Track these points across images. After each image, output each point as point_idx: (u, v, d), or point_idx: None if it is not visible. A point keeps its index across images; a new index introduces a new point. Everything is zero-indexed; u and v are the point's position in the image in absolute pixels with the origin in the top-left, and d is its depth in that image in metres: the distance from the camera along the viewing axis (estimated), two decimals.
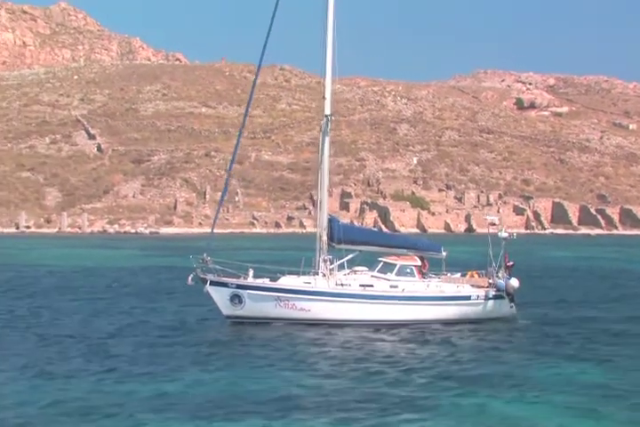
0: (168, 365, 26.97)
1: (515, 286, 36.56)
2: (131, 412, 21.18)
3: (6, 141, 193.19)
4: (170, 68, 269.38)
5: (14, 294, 47.37)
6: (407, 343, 32.44)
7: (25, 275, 60.51)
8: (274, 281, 35.65)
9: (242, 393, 23.50)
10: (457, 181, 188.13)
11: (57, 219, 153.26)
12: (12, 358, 27.73)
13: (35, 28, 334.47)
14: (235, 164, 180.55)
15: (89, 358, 27.84)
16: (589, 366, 27.99)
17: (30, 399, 22.21)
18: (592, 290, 54.21)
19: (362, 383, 25.01)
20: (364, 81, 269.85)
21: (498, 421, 21.14)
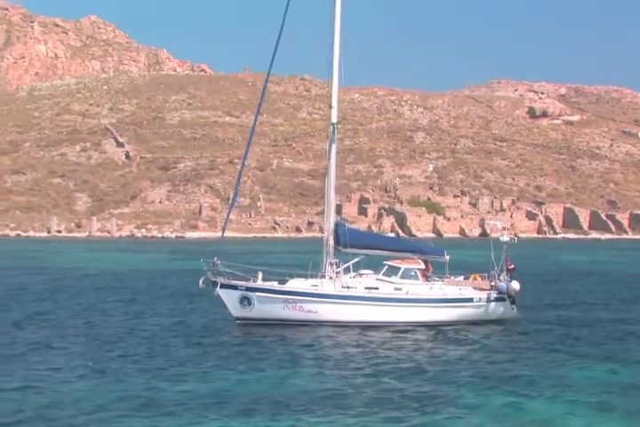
0: (205, 364, 27.01)
1: (516, 288, 36.37)
2: (179, 410, 21.24)
3: (39, 149, 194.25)
4: (195, 79, 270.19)
5: (54, 297, 47.30)
6: (431, 344, 32.36)
7: (60, 278, 60.31)
8: (282, 284, 35.67)
9: (288, 392, 23.46)
10: (471, 188, 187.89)
11: (87, 223, 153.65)
12: (64, 358, 27.76)
13: (66, 41, 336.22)
14: (257, 170, 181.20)
15: (131, 358, 27.93)
16: (619, 366, 27.81)
17: (86, 397, 22.28)
18: (610, 293, 53.72)
19: (401, 382, 24.91)
20: (381, 90, 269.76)
21: (532, 420, 21.01)
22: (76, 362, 27.06)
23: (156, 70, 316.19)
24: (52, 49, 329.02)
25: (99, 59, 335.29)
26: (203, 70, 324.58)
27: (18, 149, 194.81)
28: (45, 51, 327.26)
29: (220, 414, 20.83)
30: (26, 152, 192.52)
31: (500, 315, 36.80)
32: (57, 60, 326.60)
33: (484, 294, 36.28)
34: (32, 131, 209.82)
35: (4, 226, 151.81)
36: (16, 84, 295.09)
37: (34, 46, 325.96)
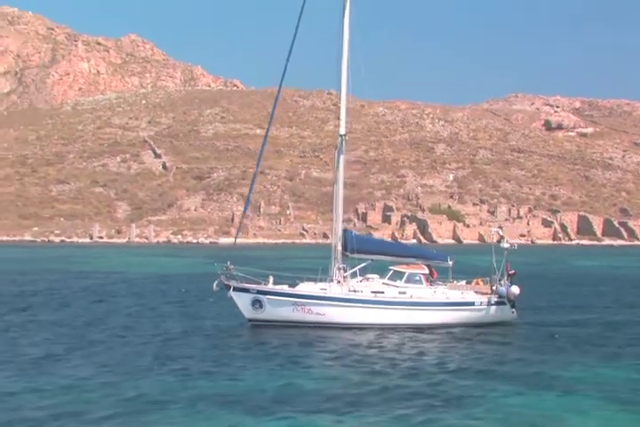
0: (233, 364, 26.98)
1: (515, 292, 36.13)
2: (204, 408, 21.13)
3: (82, 160, 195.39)
4: (228, 94, 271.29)
5: (94, 298, 47.56)
6: (440, 344, 32.22)
7: (103, 281, 60.58)
8: (292, 287, 35.56)
9: (307, 391, 23.39)
10: (490, 196, 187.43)
11: (126, 230, 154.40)
12: (97, 357, 27.80)
13: (107, 58, 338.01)
14: (286, 180, 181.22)
15: (160, 357, 27.86)
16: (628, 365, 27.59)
17: (114, 393, 22.40)
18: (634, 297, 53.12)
19: (411, 381, 24.82)
20: (404, 104, 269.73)
21: (541, 417, 20.77)
22: (129, 361, 27.09)
23: (192, 86, 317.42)
24: (94, 66, 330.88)
25: (138, 75, 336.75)
26: (235, 85, 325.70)
27: (62, 160, 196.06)
28: (88, 68, 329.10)
29: (264, 412, 20.76)
30: (70, 163, 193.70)
31: (500, 318, 36.55)
32: (99, 77, 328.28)
33: (485, 298, 36.09)
34: (76, 143, 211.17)
35: (50, 232, 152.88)
36: (61, 100, 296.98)
37: (77, 64, 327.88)
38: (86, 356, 27.99)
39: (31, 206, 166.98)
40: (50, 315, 39.30)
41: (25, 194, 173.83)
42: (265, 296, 35.00)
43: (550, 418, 20.58)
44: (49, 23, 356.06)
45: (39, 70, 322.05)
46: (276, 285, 35.58)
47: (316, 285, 35.73)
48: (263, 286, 35.25)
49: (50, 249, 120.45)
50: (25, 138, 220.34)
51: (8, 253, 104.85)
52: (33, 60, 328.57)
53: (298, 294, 35.05)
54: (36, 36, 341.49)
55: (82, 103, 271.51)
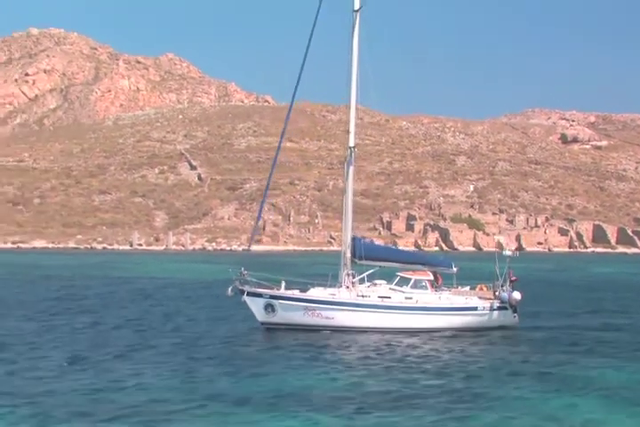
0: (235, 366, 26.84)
1: (517, 298, 35.73)
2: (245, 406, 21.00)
3: (122, 172, 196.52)
4: (260, 109, 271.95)
5: (147, 302, 47.77)
6: (456, 346, 31.93)
7: (144, 286, 60.76)
8: (303, 292, 35.39)
9: (335, 389, 23.25)
10: (508, 206, 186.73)
11: (164, 238, 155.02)
12: (153, 357, 27.90)
13: (146, 76, 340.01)
14: (315, 191, 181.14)
15: (197, 358, 27.89)
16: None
17: (164, 387, 22.50)
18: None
19: (436, 380, 24.68)
20: (426, 118, 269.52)
21: (558, 415, 20.49)
22: (167, 362, 27.04)
23: (226, 101, 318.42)
24: (134, 83, 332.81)
25: (175, 91, 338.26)
26: (266, 101, 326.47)
27: (104, 171, 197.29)
28: (129, 85, 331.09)
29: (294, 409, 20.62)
30: (111, 174, 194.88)
31: (502, 322, 36.10)
32: (138, 93, 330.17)
33: (488, 303, 35.76)
34: (117, 156, 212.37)
35: (92, 240, 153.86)
36: (103, 115, 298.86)
37: (119, 81, 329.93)
38: (148, 356, 28.06)
39: (75, 216, 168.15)
40: (106, 318, 39.48)
41: (69, 204, 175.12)
42: (277, 301, 34.83)
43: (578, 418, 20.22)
44: (92, 43, 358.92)
45: (83, 87, 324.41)
46: (287, 290, 35.35)
47: (326, 290, 35.53)
48: (275, 291, 35.06)
49: (93, 256, 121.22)
50: (70, 151, 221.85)
51: (56, 260, 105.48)
52: (77, 78, 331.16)
53: (308, 299, 34.92)
54: (80, 56, 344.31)
55: (122, 118, 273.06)
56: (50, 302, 47.69)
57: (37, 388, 22.49)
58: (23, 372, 24.91)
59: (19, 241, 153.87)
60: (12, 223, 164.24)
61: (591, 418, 20.26)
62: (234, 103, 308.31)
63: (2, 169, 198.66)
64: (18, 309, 43.54)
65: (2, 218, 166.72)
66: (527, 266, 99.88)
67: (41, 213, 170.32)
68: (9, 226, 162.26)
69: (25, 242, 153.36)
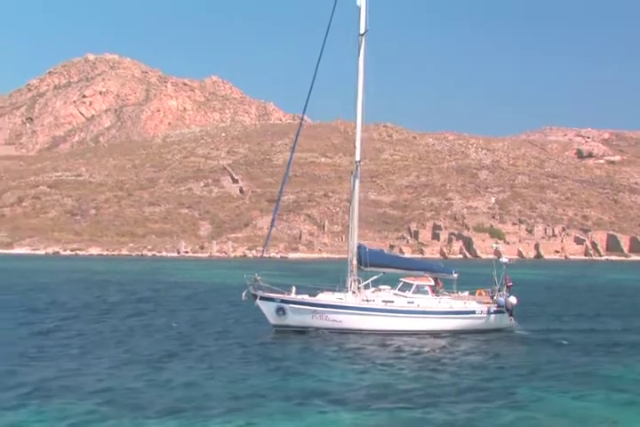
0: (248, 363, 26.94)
1: (513, 302, 35.50)
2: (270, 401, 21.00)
3: (170, 185, 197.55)
4: (296, 127, 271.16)
5: (196, 306, 47.91)
6: (475, 348, 31.74)
7: (195, 290, 60.81)
8: (312, 297, 35.30)
9: (361, 387, 23.26)
10: (527, 217, 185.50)
11: (208, 246, 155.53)
12: (205, 358, 27.90)
13: (192, 97, 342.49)
14: (347, 202, 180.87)
15: (240, 356, 27.94)
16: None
17: (221, 389, 22.46)
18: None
19: (458, 378, 24.61)
20: (451, 135, 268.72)
21: (571, 413, 20.35)
22: (211, 362, 27.05)
23: (265, 120, 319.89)
24: (181, 103, 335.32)
25: (218, 111, 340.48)
26: (303, 120, 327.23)
27: (154, 184, 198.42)
28: (176, 105, 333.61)
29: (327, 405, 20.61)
30: (160, 187, 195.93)
31: (499, 325, 35.90)
32: (185, 113, 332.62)
33: (485, 307, 35.53)
34: (165, 170, 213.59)
35: (143, 247, 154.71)
36: (153, 133, 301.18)
37: (167, 101, 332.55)
38: (195, 357, 28.10)
39: (127, 225, 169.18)
40: (159, 319, 39.80)
41: (122, 214, 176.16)
42: (288, 305, 34.84)
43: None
44: (143, 67, 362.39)
45: (135, 108, 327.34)
46: (297, 294, 35.35)
47: (334, 295, 35.44)
48: (286, 296, 35.06)
49: (144, 262, 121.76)
50: (122, 166, 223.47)
51: (111, 266, 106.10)
52: (130, 99, 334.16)
53: (317, 303, 34.90)
54: (132, 79, 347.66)
55: (170, 136, 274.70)
56: (112, 305, 48.19)
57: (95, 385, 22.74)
58: (86, 368, 25.14)
59: (76, 248, 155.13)
60: (71, 232, 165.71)
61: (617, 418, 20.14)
62: (272, 122, 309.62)
63: (62, 182, 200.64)
64: (87, 310, 43.94)
65: (61, 227, 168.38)
66: (548, 272, 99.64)
67: (96, 223, 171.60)
68: (68, 234, 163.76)
69: (82, 249, 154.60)
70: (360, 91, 38.16)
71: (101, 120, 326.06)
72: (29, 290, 59.68)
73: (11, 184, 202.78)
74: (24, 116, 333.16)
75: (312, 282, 36.51)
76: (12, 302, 49.01)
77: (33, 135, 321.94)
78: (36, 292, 57.74)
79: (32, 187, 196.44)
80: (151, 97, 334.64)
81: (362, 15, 37.24)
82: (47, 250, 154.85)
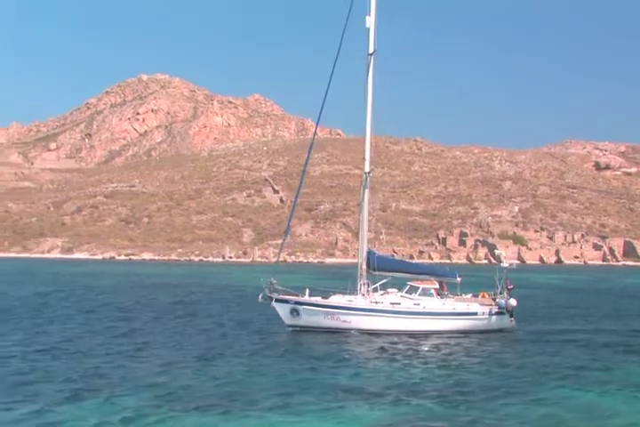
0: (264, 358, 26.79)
1: (513, 304, 35.04)
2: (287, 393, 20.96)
3: (216, 195, 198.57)
4: (332, 141, 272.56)
5: (237, 309, 47.63)
6: (479, 346, 31.46)
7: (242, 292, 60.51)
8: (325, 299, 35.08)
9: (352, 384, 23.00)
10: (549, 225, 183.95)
11: (251, 251, 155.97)
12: (239, 354, 27.78)
13: (236, 114, 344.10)
14: (380, 211, 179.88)
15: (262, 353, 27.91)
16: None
17: (263, 382, 22.42)
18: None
19: (481, 376, 24.36)
20: (477, 149, 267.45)
21: (586, 408, 20.03)
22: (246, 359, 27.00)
23: (303, 135, 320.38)
24: (226, 120, 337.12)
25: (260, 127, 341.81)
26: (338, 134, 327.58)
27: (201, 195, 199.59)
28: (221, 121, 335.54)
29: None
30: (206, 198, 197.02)
31: (500, 326, 35.39)
32: (229, 129, 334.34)
33: (487, 309, 35.10)
34: (211, 181, 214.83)
35: (191, 253, 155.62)
36: (200, 147, 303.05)
37: (213, 118, 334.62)
38: (239, 354, 28.08)
39: (176, 232, 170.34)
40: (207, 319, 39.72)
41: (172, 222, 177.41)
42: (301, 306, 34.66)
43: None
44: (192, 86, 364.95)
45: (183, 124, 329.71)
46: (311, 297, 35.11)
47: (345, 297, 35.23)
48: (299, 298, 34.89)
49: (191, 267, 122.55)
50: (172, 178, 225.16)
51: (162, 270, 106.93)
52: (179, 116, 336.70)
53: (328, 305, 34.69)
54: (181, 97, 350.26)
55: (216, 150, 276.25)
56: (166, 305, 48.53)
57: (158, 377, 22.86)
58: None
59: (130, 253, 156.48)
60: (125, 238, 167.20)
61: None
62: (310, 136, 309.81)
63: (117, 193, 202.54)
64: (146, 311, 44.32)
65: (117, 234, 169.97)
66: (568, 277, 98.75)
67: (148, 230, 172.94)
68: (122, 241, 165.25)
69: (136, 254, 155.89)
70: (369, 107, 38.03)
71: (153, 135, 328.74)
72: (89, 291, 60.28)
73: (71, 195, 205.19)
74: (83, 133, 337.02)
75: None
76: (71, 303, 49.31)
77: (91, 150, 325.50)
78: (95, 294, 58.30)
79: (90, 197, 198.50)
80: (198, 114, 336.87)
81: (370, 36, 36.92)
82: (104, 255, 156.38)
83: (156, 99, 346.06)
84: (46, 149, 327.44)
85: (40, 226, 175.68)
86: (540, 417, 19.05)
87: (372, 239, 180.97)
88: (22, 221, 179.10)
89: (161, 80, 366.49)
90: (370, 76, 37.35)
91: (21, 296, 54.67)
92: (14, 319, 38.84)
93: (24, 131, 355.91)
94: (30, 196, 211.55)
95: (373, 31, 36.86)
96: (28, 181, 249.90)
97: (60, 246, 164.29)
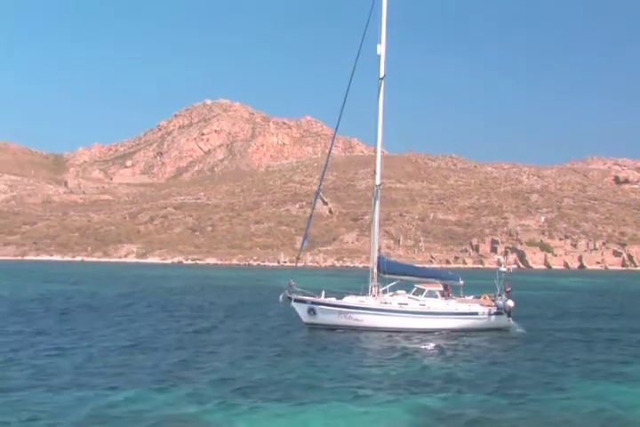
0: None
1: (510, 305, 34.43)
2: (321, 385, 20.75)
3: (272, 206, 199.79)
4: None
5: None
6: (494, 344, 30.86)
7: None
8: (339, 299, 34.73)
9: (366, 374, 22.74)
10: (572, 233, 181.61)
11: (303, 257, 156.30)
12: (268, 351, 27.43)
13: (290, 134, 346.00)
14: (419, 220, 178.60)
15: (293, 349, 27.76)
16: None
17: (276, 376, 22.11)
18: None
19: (492, 368, 23.84)
20: (506, 165, 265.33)
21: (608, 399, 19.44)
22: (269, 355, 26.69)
23: (350, 152, 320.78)
24: (281, 139, 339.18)
25: (311, 145, 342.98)
26: (381, 151, 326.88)
27: (258, 206, 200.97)
28: (277, 140, 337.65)
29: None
30: (263, 209, 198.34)
31: (499, 325, 34.75)
32: (284, 147, 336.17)
33: (487, 309, 34.57)
34: (267, 194, 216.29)
35: (249, 258, 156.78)
36: (257, 164, 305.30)
37: (269, 138, 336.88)
38: (292, 350, 27.77)
39: (237, 240, 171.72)
40: (267, 320, 38.85)
41: (233, 231, 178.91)
42: (317, 306, 34.34)
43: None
44: (250, 109, 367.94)
45: (243, 143, 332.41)
46: (326, 297, 34.76)
47: (357, 298, 34.98)
48: (316, 299, 34.55)
49: (250, 270, 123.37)
50: (233, 191, 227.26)
51: (225, 273, 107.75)
52: (239, 136, 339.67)
53: (342, 305, 34.37)
54: (241, 119, 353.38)
55: (272, 166, 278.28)
56: (235, 305, 48.62)
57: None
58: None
59: (196, 258, 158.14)
60: (192, 245, 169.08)
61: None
62: (356, 154, 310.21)
63: (184, 205, 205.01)
64: (219, 311, 44.23)
65: (184, 241, 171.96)
66: (590, 281, 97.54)
67: (212, 238, 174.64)
68: (189, 247, 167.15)
69: (201, 259, 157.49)
70: (380, 127, 38.20)
71: (216, 153, 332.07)
72: (166, 292, 60.85)
73: (144, 206, 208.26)
74: (155, 151, 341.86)
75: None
76: (151, 303, 50.14)
77: (162, 166, 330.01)
78: (171, 294, 58.72)
79: (161, 208, 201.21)
80: (256, 134, 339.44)
81: (381, 62, 36.42)
82: (173, 260, 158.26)
83: (218, 121, 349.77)
84: (123, 166, 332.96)
85: (118, 234, 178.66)
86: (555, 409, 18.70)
87: (412, 246, 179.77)
88: (103, 230, 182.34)
89: (223, 104, 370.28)
90: (381, 98, 36.98)
91: (109, 296, 55.74)
92: (104, 316, 39.38)
93: (104, 150, 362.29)
94: (110, 207, 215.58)
95: (384, 58, 36.33)
96: (107, 194, 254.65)
97: (135, 252, 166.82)
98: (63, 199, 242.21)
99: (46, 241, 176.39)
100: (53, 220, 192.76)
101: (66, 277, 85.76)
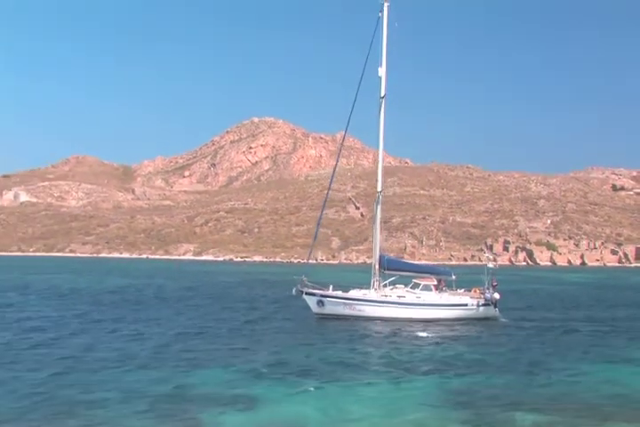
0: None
1: (496, 297, 34.40)
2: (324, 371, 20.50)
3: (310, 211, 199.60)
4: (402, 168, 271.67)
5: None
6: (495, 334, 30.37)
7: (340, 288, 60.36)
8: (345, 292, 34.86)
9: (367, 360, 22.42)
10: (575, 234, 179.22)
11: (338, 255, 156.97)
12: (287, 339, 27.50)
13: (326, 147, 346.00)
14: (440, 223, 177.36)
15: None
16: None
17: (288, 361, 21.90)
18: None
19: (490, 350, 23.40)
20: (517, 174, 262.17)
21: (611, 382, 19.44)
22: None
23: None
24: (318, 152, 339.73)
25: (345, 157, 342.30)
26: (406, 162, 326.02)
27: (299, 211, 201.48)
28: (315, 153, 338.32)
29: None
30: (303, 213, 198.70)
31: (486, 315, 34.58)
32: (321, 159, 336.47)
33: (475, 301, 34.47)
34: (307, 200, 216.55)
35: (291, 256, 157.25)
36: (298, 174, 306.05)
37: (308, 151, 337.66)
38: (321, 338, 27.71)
39: (280, 240, 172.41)
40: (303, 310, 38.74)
41: (277, 232, 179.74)
42: (325, 298, 34.40)
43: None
44: (292, 126, 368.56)
45: (285, 156, 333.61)
46: (334, 291, 34.87)
47: (360, 291, 35.12)
48: (324, 292, 34.63)
49: (292, 267, 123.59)
50: (276, 197, 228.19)
51: (270, 269, 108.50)
52: (282, 149, 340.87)
53: (347, 297, 34.47)
54: (284, 135, 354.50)
55: (311, 176, 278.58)
56: (285, 298, 47.24)
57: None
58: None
59: (245, 256, 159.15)
60: (241, 244, 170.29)
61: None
62: (384, 164, 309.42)
63: (234, 209, 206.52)
64: (269, 303, 43.84)
65: (234, 241, 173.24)
66: (591, 276, 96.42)
67: (259, 238, 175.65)
68: (239, 246, 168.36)
69: (249, 257, 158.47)
70: (381, 141, 38.50)
71: (262, 165, 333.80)
72: (223, 286, 61.16)
73: (200, 210, 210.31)
74: (209, 163, 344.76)
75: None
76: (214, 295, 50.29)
77: (215, 176, 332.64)
78: (226, 287, 59.17)
79: (214, 212, 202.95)
80: (297, 148, 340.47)
81: (382, 83, 36.35)
82: (225, 257, 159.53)
83: (264, 136, 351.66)
84: (182, 176, 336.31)
85: (177, 234, 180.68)
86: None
87: (434, 246, 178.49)
88: (164, 231, 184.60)
89: (268, 121, 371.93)
90: (382, 116, 36.92)
91: (174, 288, 56.59)
92: (172, 306, 39.85)
93: (166, 162, 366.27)
94: (170, 211, 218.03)
95: (385, 79, 36.28)
96: (168, 200, 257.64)
97: (192, 250, 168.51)
98: (131, 205, 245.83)
99: (117, 241, 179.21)
100: (123, 222, 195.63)
101: (135, 273, 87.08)
